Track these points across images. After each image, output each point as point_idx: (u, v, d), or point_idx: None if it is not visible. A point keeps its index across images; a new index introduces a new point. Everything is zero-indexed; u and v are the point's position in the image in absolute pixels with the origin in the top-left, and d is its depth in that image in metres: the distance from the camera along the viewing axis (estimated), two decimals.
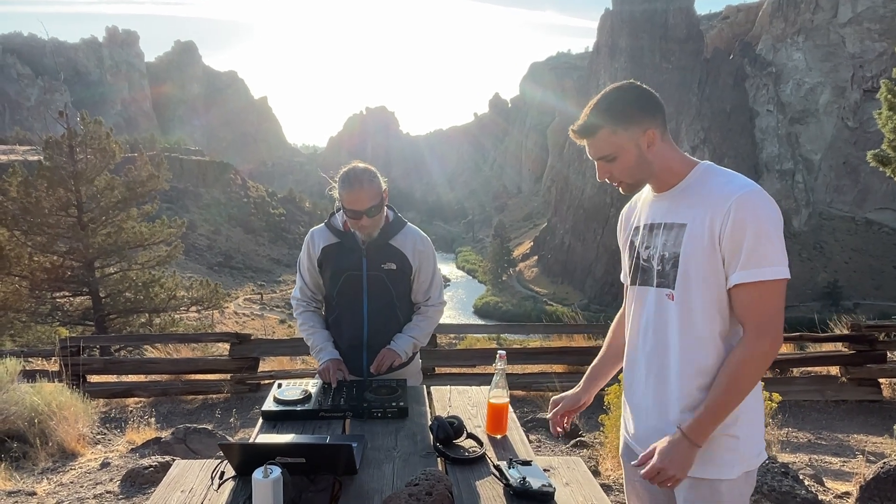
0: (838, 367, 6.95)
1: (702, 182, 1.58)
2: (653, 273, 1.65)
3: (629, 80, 1.63)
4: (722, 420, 1.51)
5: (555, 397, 2.02)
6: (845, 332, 7.09)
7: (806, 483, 3.74)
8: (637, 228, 1.75)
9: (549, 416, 2.02)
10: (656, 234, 1.65)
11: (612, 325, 2.02)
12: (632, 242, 1.77)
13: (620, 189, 1.68)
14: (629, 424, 1.81)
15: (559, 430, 1.99)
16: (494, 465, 1.80)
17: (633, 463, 1.64)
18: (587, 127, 1.60)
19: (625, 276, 1.84)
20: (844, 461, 4.99)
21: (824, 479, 4.16)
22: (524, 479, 1.68)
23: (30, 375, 6.10)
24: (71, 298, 17.16)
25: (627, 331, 1.81)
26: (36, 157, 19.62)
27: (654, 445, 1.56)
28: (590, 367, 2.02)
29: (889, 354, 6.97)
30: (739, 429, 1.56)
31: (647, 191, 1.75)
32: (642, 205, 1.76)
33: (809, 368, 7.09)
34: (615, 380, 4.58)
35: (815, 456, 5.09)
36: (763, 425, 1.65)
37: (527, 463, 1.79)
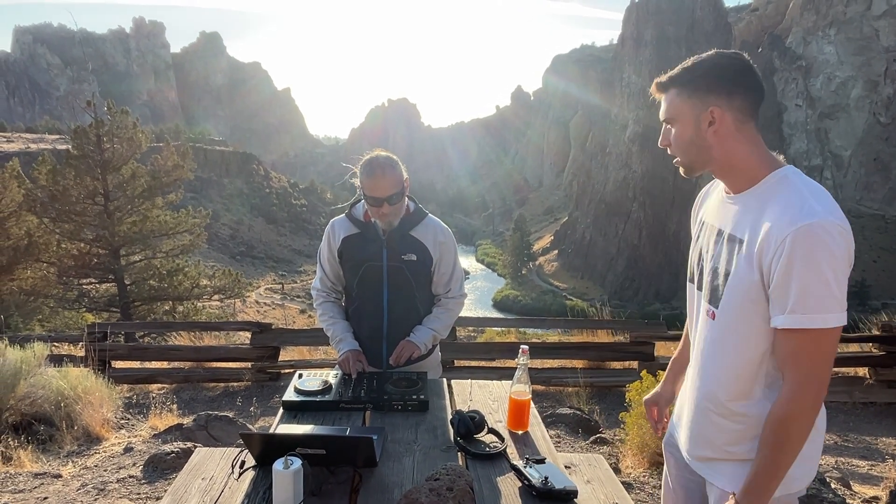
0: (867, 368, 6.80)
1: (772, 195, 1.38)
2: (704, 281, 1.53)
3: (734, 52, 1.42)
4: (777, 481, 1.36)
5: (647, 398, 1.94)
6: (875, 332, 6.94)
7: (833, 486, 3.65)
8: (704, 224, 1.60)
9: (650, 420, 1.94)
10: (718, 242, 1.49)
11: (688, 320, 1.88)
12: (697, 237, 1.63)
13: (679, 167, 1.52)
14: (679, 418, 1.73)
15: (660, 427, 1.92)
16: (512, 465, 1.77)
17: None
18: (662, 82, 1.47)
19: (688, 270, 1.72)
20: (872, 465, 4.88)
21: (851, 483, 4.07)
22: (546, 478, 1.65)
23: (56, 360, 6.22)
24: (97, 285, 17.50)
25: (689, 322, 1.72)
26: (64, 146, 19.98)
27: None
28: (671, 360, 1.94)
29: None
30: None
31: (721, 186, 1.57)
32: (714, 199, 1.60)
33: (836, 369, 6.94)
34: (637, 376, 4.53)
35: (841, 459, 4.98)
36: (815, 449, 1.49)
37: (541, 461, 1.76)
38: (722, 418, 1.49)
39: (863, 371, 6.84)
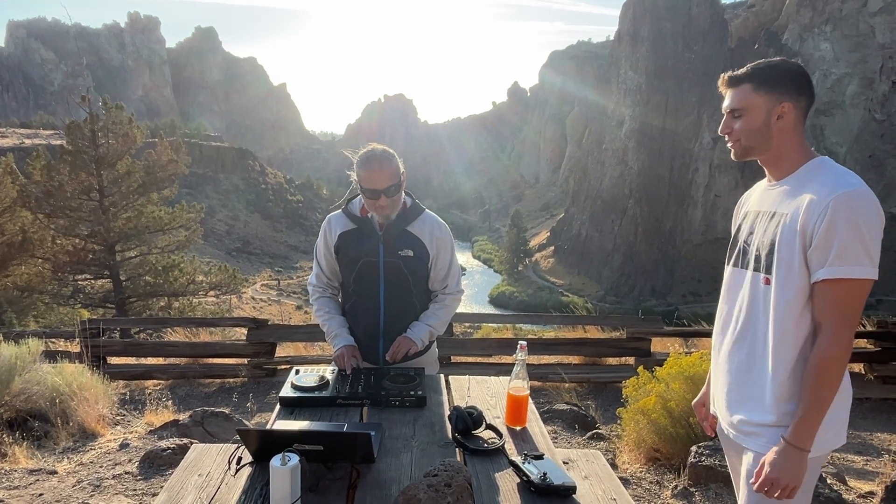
0: (863, 364, 6.83)
1: (812, 176, 1.61)
2: (750, 257, 1.71)
3: (796, 61, 1.68)
4: (821, 419, 1.54)
5: (695, 402, 2.07)
6: (871, 328, 6.97)
7: (829, 481, 3.67)
8: (747, 213, 1.80)
9: (701, 419, 2.05)
10: (760, 221, 1.70)
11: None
12: (739, 227, 1.82)
13: (733, 151, 1.71)
14: (716, 400, 1.87)
15: (712, 429, 2.01)
16: (510, 461, 1.77)
17: (750, 481, 1.66)
18: (737, 76, 1.67)
19: (727, 259, 1.87)
20: (868, 460, 4.90)
21: (847, 478, 4.08)
22: (545, 474, 1.64)
23: (51, 356, 6.19)
24: (92, 281, 17.46)
25: (719, 310, 1.85)
26: (59, 142, 19.89)
27: (763, 458, 1.60)
28: (713, 365, 2.01)
29: None
30: None
31: (763, 182, 1.78)
32: (756, 195, 1.81)
33: None
34: (634, 373, 4.54)
35: (837, 454, 5.00)
36: (843, 414, 1.66)
37: (539, 456, 1.76)
38: (769, 375, 1.63)
39: (858, 367, 6.88)
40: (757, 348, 1.68)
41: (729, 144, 1.72)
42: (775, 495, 1.56)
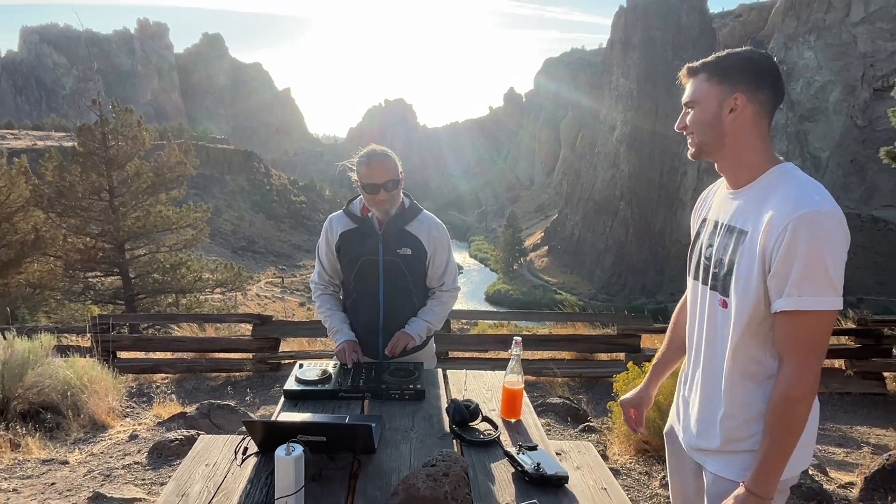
0: (843, 360, 6.85)
1: (773, 187, 1.40)
2: (710, 274, 1.52)
3: (765, 52, 1.45)
4: (783, 465, 1.36)
5: (624, 399, 1.94)
6: (851, 326, 6.99)
7: (810, 472, 3.68)
8: (705, 221, 1.61)
9: (625, 419, 1.95)
10: (719, 234, 1.50)
11: (674, 315, 1.87)
12: (698, 234, 1.63)
13: (689, 147, 1.52)
14: (678, 411, 1.72)
15: (639, 429, 1.94)
16: (505, 452, 1.77)
17: None
18: (694, 66, 1.48)
19: (687, 267, 1.71)
20: (848, 452, 4.92)
21: (828, 469, 4.10)
22: (538, 464, 1.65)
23: (63, 351, 6.19)
24: (102, 278, 17.40)
25: (688, 320, 1.70)
26: (70, 144, 19.79)
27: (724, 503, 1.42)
28: (653, 362, 1.93)
29: (894, 349, 6.86)
30: None
31: (724, 183, 1.58)
32: (715, 197, 1.61)
33: None
34: (624, 368, 4.54)
35: (818, 446, 5.02)
36: (810, 440, 1.49)
37: (533, 448, 1.76)
38: (730, 404, 1.47)
39: (839, 363, 6.90)
40: (714, 372, 1.51)
41: (688, 142, 1.53)
42: None
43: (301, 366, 2.32)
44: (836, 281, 1.30)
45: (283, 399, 2.14)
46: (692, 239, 1.67)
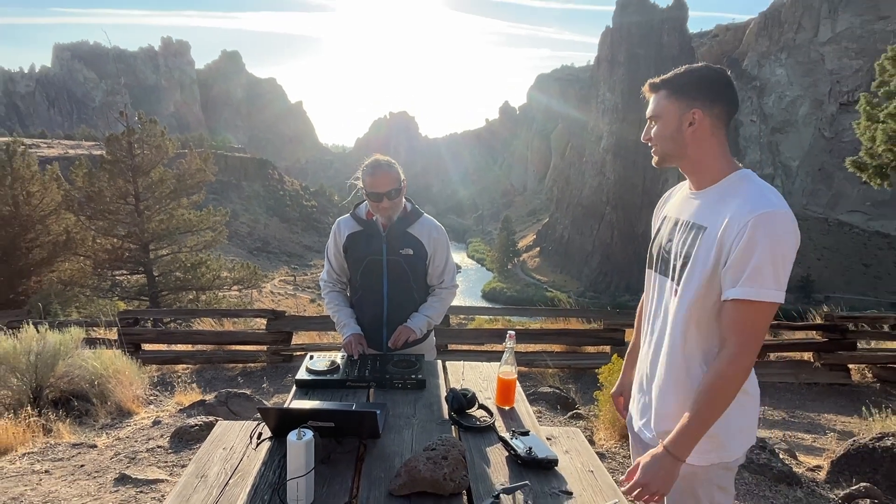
0: (812, 352, 6.86)
1: (734, 190, 1.41)
2: (669, 265, 1.53)
3: (719, 67, 1.45)
4: (703, 432, 1.37)
5: (613, 392, 1.94)
6: (819, 321, 7.00)
7: (781, 457, 3.68)
8: (666, 219, 1.61)
9: (617, 409, 1.94)
10: (680, 230, 1.51)
11: (639, 307, 1.86)
12: (659, 230, 1.64)
13: (653, 156, 1.53)
14: (632, 399, 1.73)
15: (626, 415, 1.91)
16: (499, 437, 1.77)
17: (622, 479, 1.49)
18: (655, 83, 1.50)
19: (647, 260, 1.71)
20: (816, 438, 4.92)
21: (797, 454, 4.10)
22: (530, 448, 1.65)
23: (92, 343, 6.18)
24: (128, 276, 17.39)
25: (644, 309, 1.73)
26: (99, 152, 19.78)
27: (638, 460, 1.43)
28: (628, 352, 1.92)
29: (858, 343, 6.87)
30: (717, 425, 1.41)
31: (685, 186, 1.59)
32: (677, 198, 1.62)
33: (785, 353, 6.99)
34: (609, 360, 4.52)
35: (789, 432, 5.02)
36: (751, 422, 1.49)
37: (525, 433, 1.76)
38: (680, 388, 1.48)
39: (808, 355, 6.90)
40: (667, 358, 1.51)
41: (652, 151, 1.54)
42: (643, 499, 1.40)
43: (311, 357, 2.32)
44: (782, 278, 1.32)
45: (294, 388, 2.14)
46: (653, 234, 1.68)
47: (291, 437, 1.40)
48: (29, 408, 4.47)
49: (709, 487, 1.47)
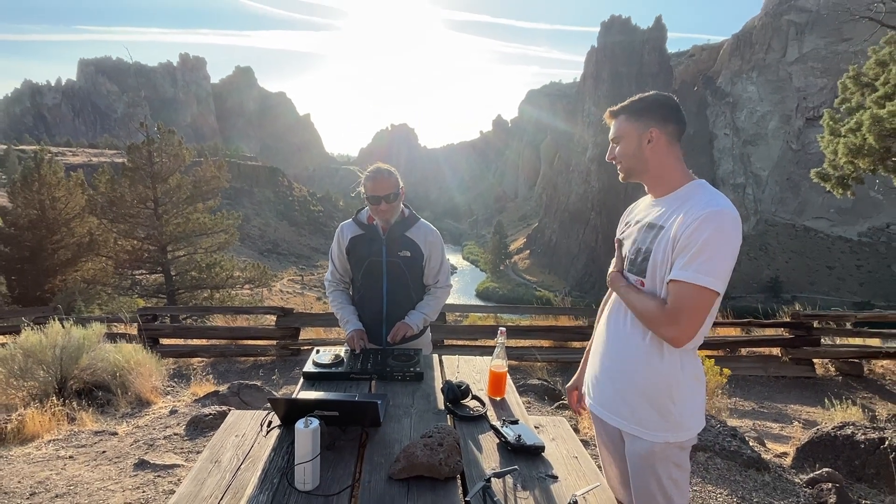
0: (779, 348, 6.87)
1: (689, 196, 1.49)
2: (631, 262, 1.59)
3: (668, 94, 1.55)
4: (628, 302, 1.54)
5: (569, 385, 1.95)
6: (786, 319, 7.02)
7: (750, 444, 3.69)
8: (628, 223, 1.69)
9: (569, 402, 1.95)
10: (641, 231, 1.58)
11: (603, 304, 1.88)
12: (622, 234, 1.71)
13: (619, 173, 1.62)
14: (595, 384, 1.72)
15: (582, 411, 1.93)
16: (491, 425, 1.78)
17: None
18: (615, 110, 1.59)
19: (615, 260, 1.76)
20: (783, 426, 4.94)
21: (766, 441, 4.11)
22: (519, 436, 1.65)
23: (113, 338, 6.16)
24: (147, 275, 17.31)
25: (607, 307, 1.74)
26: (121, 160, 19.69)
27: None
28: (587, 350, 1.91)
29: (822, 339, 6.89)
30: (674, 405, 1.48)
31: (648, 197, 1.65)
32: (640, 207, 1.69)
33: (755, 349, 7.02)
34: None
35: (758, 422, 5.04)
36: (701, 407, 1.53)
37: (515, 422, 1.76)
38: (642, 374, 1.52)
39: (776, 351, 6.92)
40: (628, 345, 1.57)
41: (618, 168, 1.61)
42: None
43: (318, 351, 2.32)
44: (720, 269, 1.36)
45: (302, 380, 2.14)
46: (616, 238, 1.74)
47: (299, 425, 1.41)
48: (54, 398, 4.46)
49: (666, 465, 1.52)
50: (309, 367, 2.17)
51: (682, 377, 1.49)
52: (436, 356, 2.48)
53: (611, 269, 1.68)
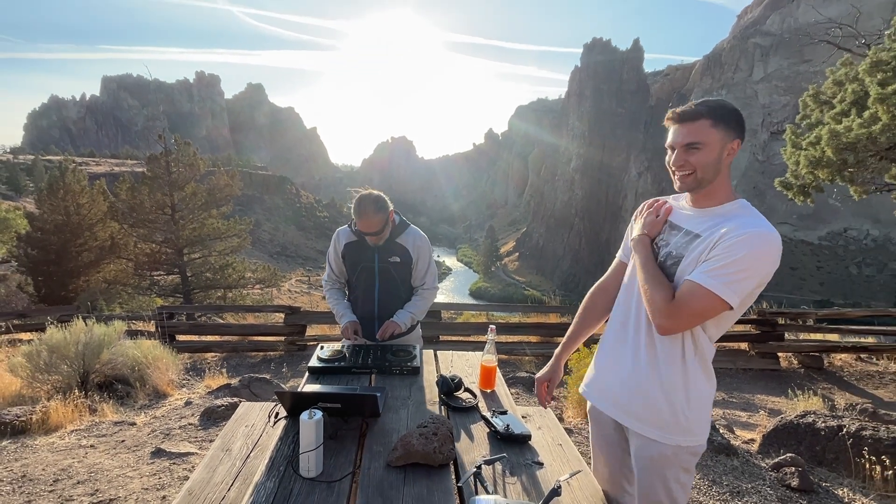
0: (747, 343, 6.91)
1: (734, 214, 1.33)
2: (662, 266, 1.39)
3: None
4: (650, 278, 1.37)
5: (539, 376, 1.77)
6: (753, 317, 7.05)
7: (721, 431, 3.71)
8: (664, 228, 1.48)
9: (537, 394, 1.78)
10: (675, 235, 1.41)
11: (589, 296, 1.71)
12: (658, 238, 1.48)
13: (681, 182, 1.37)
14: (595, 384, 1.57)
15: (548, 404, 1.79)
16: (482, 416, 1.77)
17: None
18: (692, 112, 1.33)
19: (625, 255, 1.60)
20: (750, 415, 4.96)
21: (734, 429, 4.13)
22: (508, 425, 1.65)
23: (132, 334, 6.12)
24: (165, 276, 17.22)
25: (623, 299, 1.54)
26: (141, 170, 19.60)
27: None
28: (565, 337, 1.75)
29: (786, 335, 6.93)
30: (691, 411, 1.36)
31: (681, 199, 1.48)
32: (675, 209, 1.48)
33: (724, 343, 7.05)
34: (577, 350, 4.54)
35: (727, 411, 5.06)
36: (707, 416, 1.40)
37: (503, 412, 1.76)
38: (661, 378, 1.38)
39: (744, 345, 6.96)
40: (650, 348, 1.41)
41: (677, 176, 1.37)
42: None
43: (322, 347, 2.31)
44: (742, 287, 1.23)
45: (307, 373, 2.13)
46: (645, 233, 1.54)
47: (304, 416, 1.40)
48: (77, 391, 4.42)
49: (675, 469, 1.41)
50: (314, 362, 2.16)
51: (703, 384, 1.37)
52: (431, 352, 2.48)
53: (640, 231, 1.48)
